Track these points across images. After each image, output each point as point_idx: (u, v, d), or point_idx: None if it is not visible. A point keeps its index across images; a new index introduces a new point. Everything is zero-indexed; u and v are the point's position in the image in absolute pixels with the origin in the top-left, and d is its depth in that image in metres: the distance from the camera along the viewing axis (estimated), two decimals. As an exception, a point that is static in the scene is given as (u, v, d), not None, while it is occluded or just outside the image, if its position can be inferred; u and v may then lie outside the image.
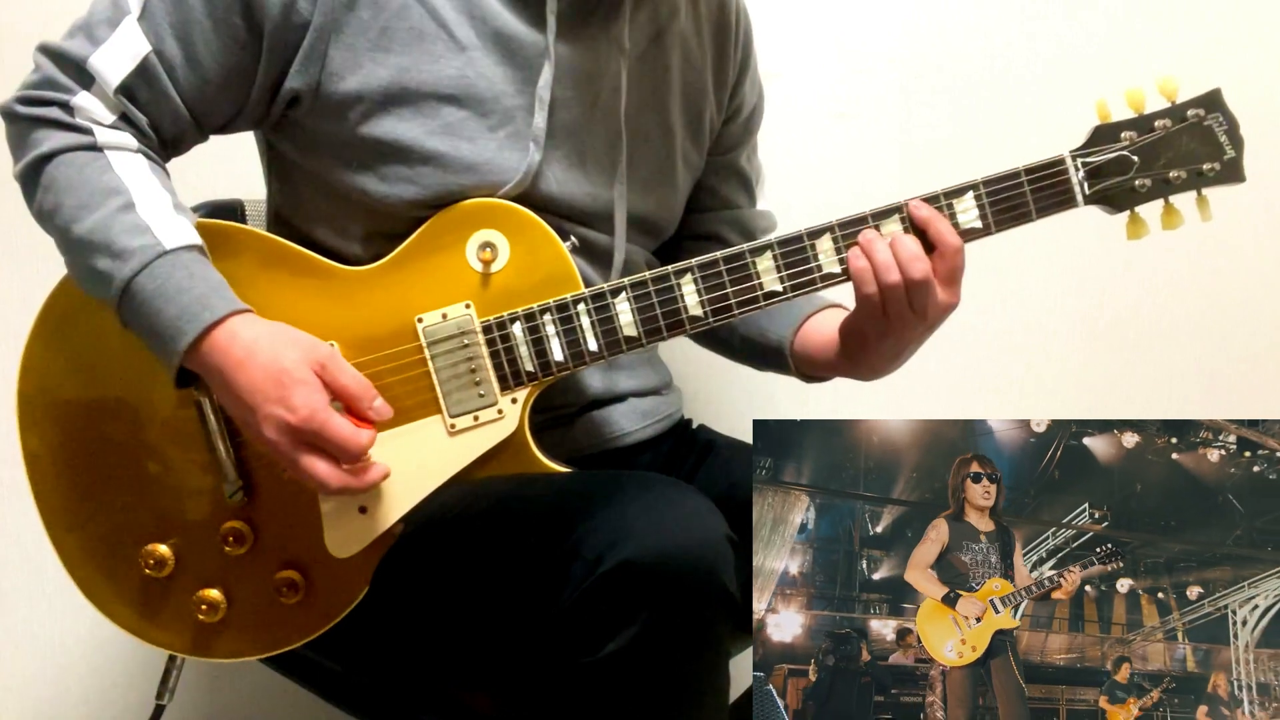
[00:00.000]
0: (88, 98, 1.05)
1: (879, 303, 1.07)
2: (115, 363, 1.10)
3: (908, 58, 1.73)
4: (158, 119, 1.08)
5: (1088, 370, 1.79)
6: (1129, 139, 1.09)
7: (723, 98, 1.30)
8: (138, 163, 1.06)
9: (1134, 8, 1.74)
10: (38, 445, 1.12)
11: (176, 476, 1.10)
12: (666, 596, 0.93)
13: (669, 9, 1.21)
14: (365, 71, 1.08)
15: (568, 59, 1.13)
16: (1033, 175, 1.08)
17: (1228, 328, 1.81)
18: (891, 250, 1.06)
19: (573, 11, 1.13)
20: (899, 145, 1.73)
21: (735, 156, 1.35)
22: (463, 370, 1.08)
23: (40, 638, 1.66)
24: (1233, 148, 1.10)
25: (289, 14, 1.05)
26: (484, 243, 1.09)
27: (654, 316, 1.09)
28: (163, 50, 1.06)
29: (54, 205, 1.03)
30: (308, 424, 0.98)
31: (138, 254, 1.00)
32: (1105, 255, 1.75)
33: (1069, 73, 1.74)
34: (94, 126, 1.05)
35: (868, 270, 1.06)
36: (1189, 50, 1.75)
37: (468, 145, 1.10)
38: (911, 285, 1.05)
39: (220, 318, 1.00)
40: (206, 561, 1.10)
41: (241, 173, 1.30)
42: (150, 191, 1.04)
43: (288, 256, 1.11)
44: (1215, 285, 1.79)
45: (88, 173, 1.03)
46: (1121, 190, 1.10)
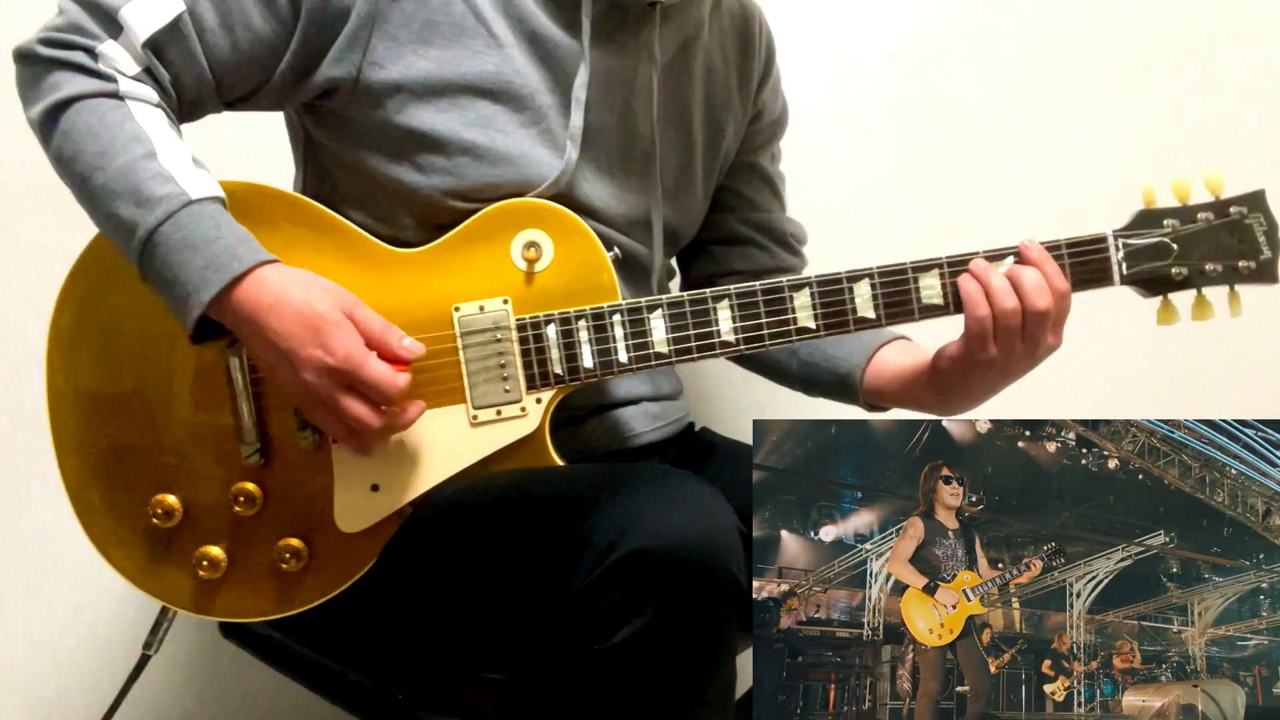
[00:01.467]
0: (114, 46, 1.05)
1: (990, 330, 1.06)
2: (147, 317, 1.10)
3: (907, 58, 1.74)
4: (181, 78, 1.08)
5: (1088, 370, 1.79)
6: (1171, 227, 1.11)
7: (746, 106, 1.33)
8: (158, 116, 1.06)
9: (1131, 9, 1.77)
10: (63, 385, 1.12)
11: (197, 431, 1.11)
12: (678, 585, 0.94)
13: (694, 22, 1.24)
14: (406, 62, 1.09)
15: (601, 64, 1.16)
16: (1074, 249, 1.10)
17: (1228, 328, 1.80)
18: (1010, 280, 1.06)
19: (605, 18, 1.15)
20: (898, 145, 1.74)
21: (758, 157, 1.37)
22: (492, 364, 1.09)
23: (40, 638, 1.65)
24: (1270, 249, 1.13)
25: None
26: (530, 242, 1.11)
27: (686, 337, 1.10)
28: (197, 11, 1.06)
29: (74, 152, 1.03)
30: (346, 364, 0.99)
31: (163, 202, 1.00)
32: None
33: (1068, 73, 1.75)
34: (118, 75, 1.05)
35: (980, 293, 1.06)
36: (1188, 50, 1.78)
37: (502, 138, 1.12)
38: (1031, 315, 1.06)
39: (249, 268, 1.00)
40: (214, 519, 1.10)
41: (254, 163, 1.31)
42: (171, 143, 1.04)
43: (328, 223, 1.12)
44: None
45: (109, 119, 1.03)
46: (1157, 276, 1.12)
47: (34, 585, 1.64)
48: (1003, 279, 1.07)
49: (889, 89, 1.74)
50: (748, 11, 1.32)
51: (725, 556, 0.96)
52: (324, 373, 0.99)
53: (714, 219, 1.35)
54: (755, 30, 1.32)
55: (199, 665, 1.67)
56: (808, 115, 1.70)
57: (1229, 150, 1.76)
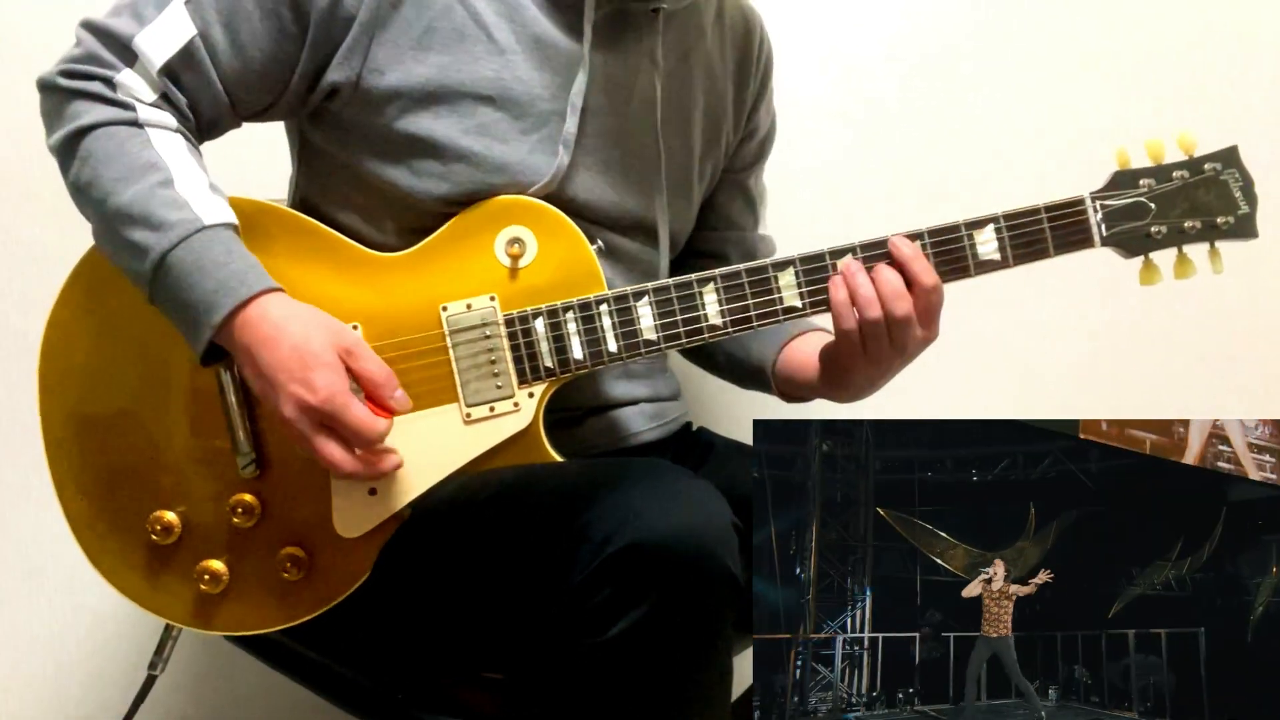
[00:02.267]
0: (131, 75, 1.07)
1: (858, 337, 1.09)
2: (140, 332, 1.11)
3: (907, 58, 1.75)
4: (197, 101, 1.10)
5: (1088, 370, 1.80)
6: (1147, 186, 1.12)
7: (740, 119, 1.33)
8: (176, 142, 1.08)
9: (1131, 9, 1.78)
10: (56, 406, 1.12)
11: (191, 445, 1.11)
12: (673, 579, 0.94)
13: (696, 30, 1.25)
14: (406, 68, 1.10)
15: (602, 69, 1.16)
16: (1053, 213, 1.11)
17: (1228, 328, 1.82)
18: (874, 285, 1.08)
19: (608, 24, 1.16)
20: (898, 145, 1.75)
21: (745, 177, 1.38)
22: (482, 361, 1.10)
23: (40, 638, 1.65)
24: (1246, 204, 1.14)
25: (335, 7, 1.08)
26: (513, 238, 1.11)
27: (674, 322, 1.11)
28: (208, 35, 1.08)
29: (91, 177, 1.05)
30: (326, 405, 0.99)
31: (177, 227, 1.02)
32: (1106, 256, 1.77)
33: (1068, 73, 1.77)
34: (136, 103, 1.07)
35: (847, 304, 1.09)
36: (1188, 53, 1.79)
37: (500, 146, 1.12)
38: (893, 322, 1.08)
39: (255, 293, 1.02)
40: (213, 532, 1.10)
41: (258, 170, 1.32)
42: (188, 170, 1.06)
43: (320, 237, 1.13)
44: (1215, 285, 1.79)
45: (128, 147, 1.05)
46: (1137, 235, 1.12)
47: (34, 585, 1.64)
48: (869, 286, 1.08)
49: (891, 89, 1.75)
50: (749, 23, 1.33)
51: (719, 550, 0.96)
52: (303, 409, 0.99)
53: (693, 233, 1.36)
54: (755, 44, 1.33)
55: (198, 665, 1.67)
56: (808, 115, 1.72)
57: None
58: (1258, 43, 1.80)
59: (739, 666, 1.07)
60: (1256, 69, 1.80)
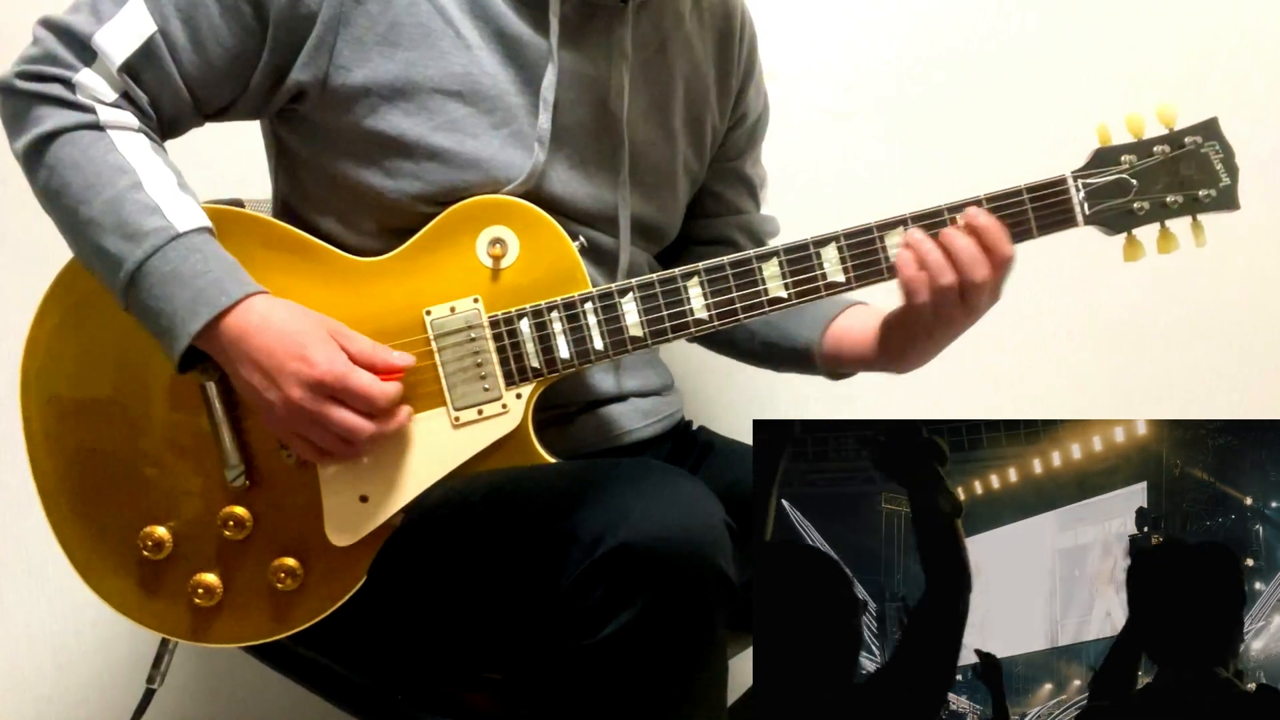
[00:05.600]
0: (90, 75, 1.05)
1: (930, 304, 1.08)
2: (122, 346, 1.10)
3: (908, 58, 1.74)
4: (158, 99, 1.08)
5: (1088, 370, 1.81)
6: (1128, 163, 1.12)
7: (726, 105, 1.32)
8: (139, 142, 1.06)
9: (1133, 11, 1.77)
10: (39, 425, 1.11)
11: (179, 460, 1.10)
12: (664, 579, 0.94)
13: (673, 17, 1.23)
14: (372, 65, 1.09)
15: (570, 62, 1.15)
16: (1035, 193, 1.11)
17: (1228, 328, 1.82)
18: (945, 251, 1.07)
19: (575, 16, 1.15)
20: (898, 146, 1.75)
21: (740, 163, 1.36)
22: (469, 364, 1.09)
23: (40, 638, 1.65)
24: (1228, 175, 1.13)
25: (295, 4, 1.07)
26: (494, 239, 1.11)
27: (660, 318, 1.10)
28: (168, 31, 1.06)
29: (60, 185, 1.03)
30: (330, 373, 0.99)
31: (150, 236, 1.01)
32: (1105, 255, 1.77)
33: (1067, 72, 1.76)
34: (96, 105, 1.05)
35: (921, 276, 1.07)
36: (1188, 54, 1.79)
37: (471, 142, 1.11)
38: (968, 287, 1.06)
39: (235, 301, 1.01)
40: (205, 546, 1.10)
41: (243, 171, 1.30)
42: (155, 170, 1.05)
43: (297, 244, 1.11)
44: (1215, 285, 1.81)
45: (93, 152, 1.03)
46: (1120, 212, 1.12)
47: (34, 585, 1.64)
48: (938, 253, 1.07)
49: (890, 89, 1.74)
50: (730, 6, 1.30)
51: (710, 549, 0.96)
52: (308, 384, 0.99)
53: (696, 221, 1.35)
54: (736, 27, 1.30)
55: (197, 666, 1.67)
56: (807, 115, 1.72)
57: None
58: (1258, 43, 1.80)
59: (739, 667, 1.08)
60: (1257, 69, 1.80)
